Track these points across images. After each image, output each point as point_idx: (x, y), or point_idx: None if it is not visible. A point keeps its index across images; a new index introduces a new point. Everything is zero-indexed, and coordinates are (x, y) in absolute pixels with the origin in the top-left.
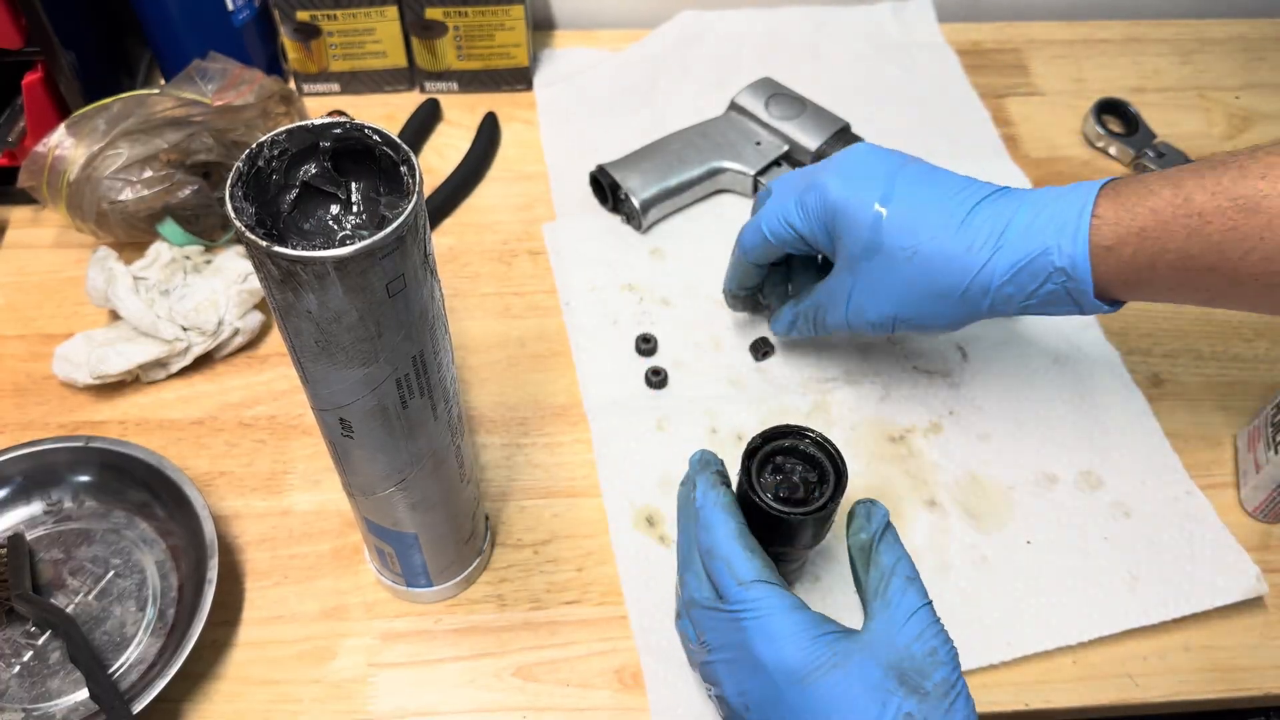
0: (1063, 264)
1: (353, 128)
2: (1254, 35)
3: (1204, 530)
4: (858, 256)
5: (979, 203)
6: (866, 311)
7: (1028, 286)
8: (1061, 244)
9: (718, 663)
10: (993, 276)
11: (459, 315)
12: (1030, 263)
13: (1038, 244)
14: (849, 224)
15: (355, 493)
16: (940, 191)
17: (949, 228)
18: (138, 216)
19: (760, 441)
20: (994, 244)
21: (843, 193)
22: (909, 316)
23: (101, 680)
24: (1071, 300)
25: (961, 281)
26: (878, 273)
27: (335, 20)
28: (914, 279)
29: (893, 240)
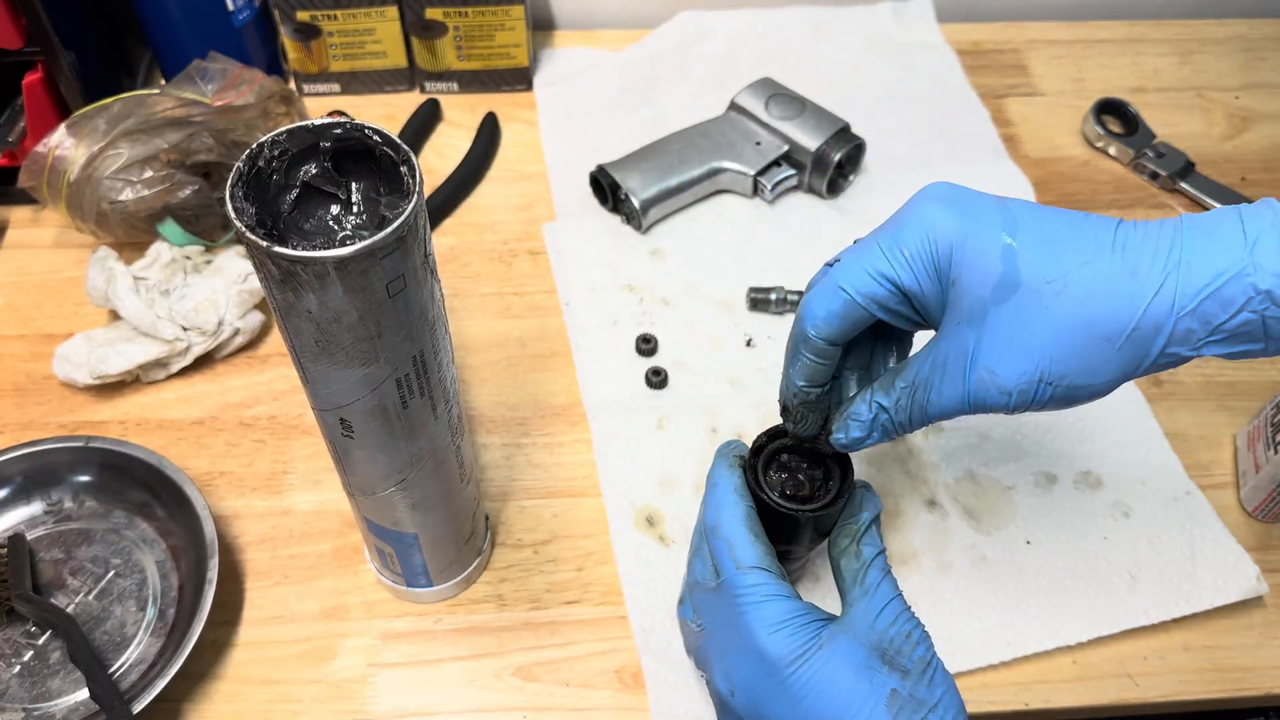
0: (1268, 285)
1: (353, 128)
2: (1254, 35)
3: (1204, 530)
4: (986, 301)
5: (1121, 224)
6: (1001, 375)
7: (1215, 318)
8: (1262, 261)
9: (710, 646)
10: (1170, 307)
11: (459, 315)
12: (1222, 287)
13: (1228, 263)
14: (972, 259)
15: (355, 493)
16: (1067, 217)
17: (1101, 251)
18: (138, 216)
19: (766, 439)
20: (1165, 266)
21: (956, 222)
22: (1061, 374)
23: (102, 680)
24: (1268, 335)
25: (1130, 316)
26: (1015, 318)
27: (335, 20)
28: (1066, 320)
29: (1034, 272)
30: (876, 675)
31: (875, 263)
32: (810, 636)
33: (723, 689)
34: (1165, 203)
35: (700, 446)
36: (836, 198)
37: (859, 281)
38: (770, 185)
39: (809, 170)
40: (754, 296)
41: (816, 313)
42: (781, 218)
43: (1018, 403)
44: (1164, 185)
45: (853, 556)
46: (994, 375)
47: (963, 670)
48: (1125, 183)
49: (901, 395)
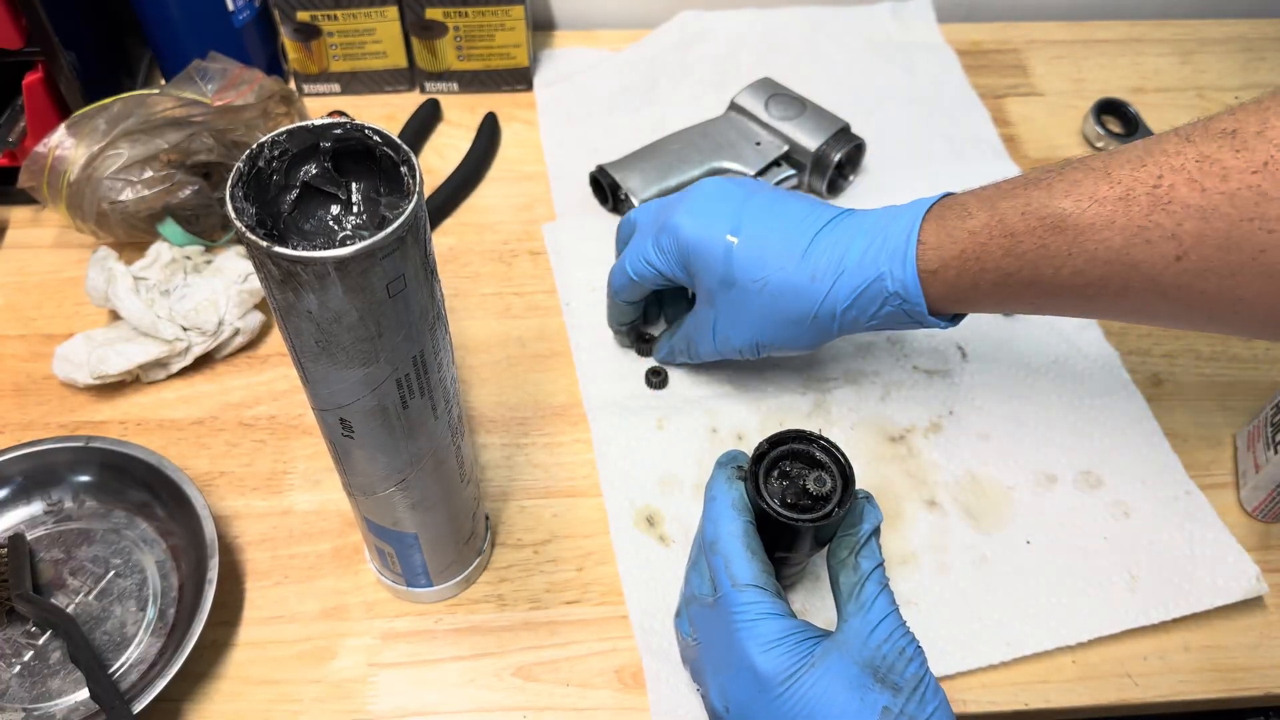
0: (895, 289)
1: (353, 128)
2: (1253, 35)
3: (1204, 530)
4: (715, 290)
5: (819, 231)
6: (732, 339)
7: (869, 309)
8: (893, 270)
9: (706, 662)
10: (836, 303)
11: (459, 315)
12: (868, 288)
13: (872, 271)
14: (704, 260)
15: (355, 493)
16: (785, 222)
17: (793, 258)
18: (138, 216)
19: (768, 446)
20: (834, 272)
21: (695, 231)
22: (769, 341)
23: (102, 680)
24: (910, 319)
25: (810, 309)
26: (735, 304)
27: (335, 20)
28: (767, 308)
29: (744, 273)
30: (869, 693)
31: (646, 254)
32: (803, 655)
33: (718, 705)
34: None
35: (700, 446)
36: (836, 198)
37: (637, 266)
38: None
39: (809, 170)
40: None
41: (613, 283)
42: None
43: (747, 355)
44: None
45: (850, 569)
46: (728, 339)
47: (963, 670)
48: None
49: (679, 341)
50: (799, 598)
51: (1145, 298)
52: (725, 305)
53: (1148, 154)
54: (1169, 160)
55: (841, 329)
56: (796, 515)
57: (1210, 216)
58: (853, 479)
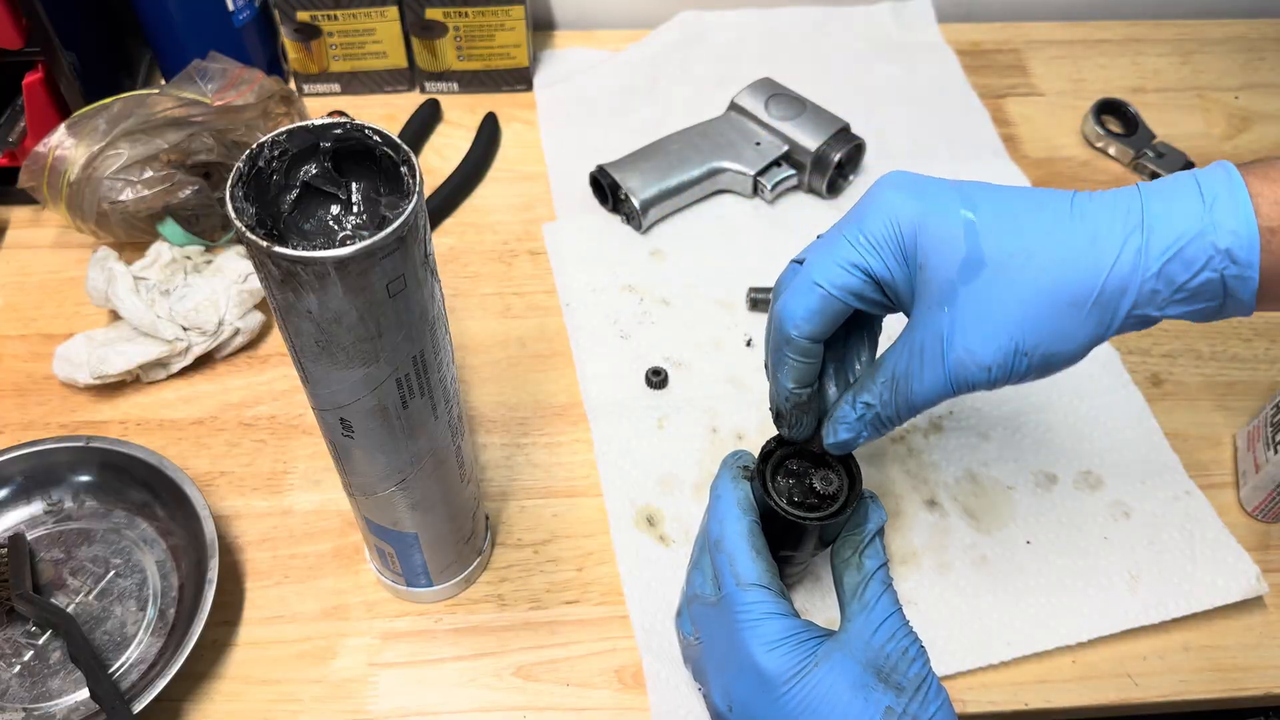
0: (1227, 244)
1: (353, 128)
2: (1253, 35)
3: (1204, 530)
4: (955, 281)
5: (1076, 195)
6: (978, 352)
7: (1178, 278)
8: (1221, 221)
9: (708, 661)
10: (1133, 269)
11: (459, 315)
12: (1184, 249)
13: (1188, 225)
14: (935, 240)
15: (356, 493)
16: (1024, 192)
17: (1060, 221)
18: (138, 216)
19: (776, 444)
20: (1124, 231)
21: (917, 205)
22: (1035, 343)
23: (102, 680)
24: (1226, 293)
25: (1094, 282)
26: (984, 295)
27: (335, 21)
28: (1033, 290)
29: (997, 247)
30: (872, 693)
31: (845, 254)
32: (807, 654)
33: (720, 705)
34: None
35: (700, 446)
36: (836, 198)
37: (832, 275)
38: (770, 185)
39: (809, 170)
40: (754, 296)
41: (796, 312)
42: (781, 218)
43: (998, 376)
44: None
45: (854, 569)
46: (971, 353)
47: (963, 670)
48: (1125, 183)
49: (883, 390)
50: (799, 597)
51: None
52: (968, 301)
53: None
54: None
55: (1131, 312)
56: (804, 513)
57: None
58: (860, 478)
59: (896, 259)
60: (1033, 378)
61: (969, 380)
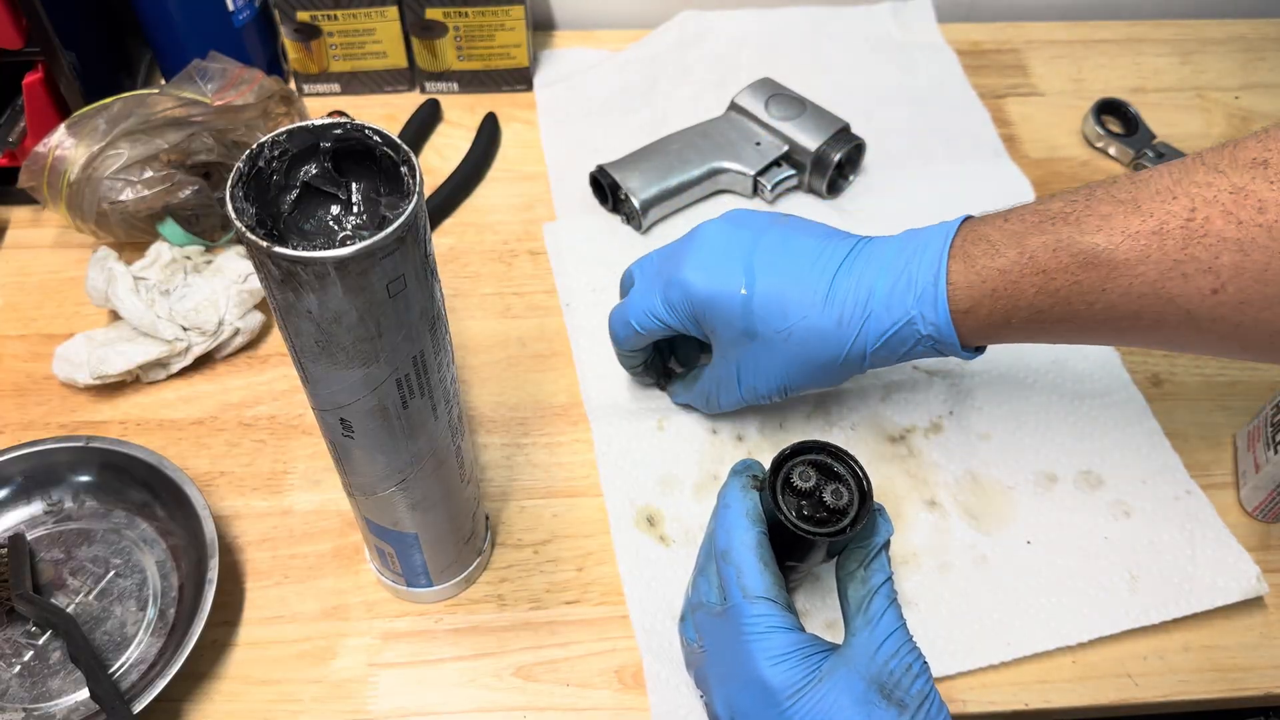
0: (928, 331)
1: (353, 128)
2: (1254, 35)
3: (1204, 530)
4: (735, 342)
5: (838, 270)
6: (758, 387)
7: (899, 350)
8: (924, 313)
9: (711, 671)
10: (866, 345)
11: (459, 315)
12: (898, 331)
13: (901, 313)
14: (719, 315)
15: (355, 493)
16: (798, 265)
17: (815, 304)
18: (138, 216)
19: (788, 455)
20: (861, 315)
21: (706, 286)
22: (798, 385)
23: (102, 680)
24: (939, 353)
25: (838, 353)
26: (758, 355)
27: (335, 21)
28: (794, 355)
29: (766, 325)
30: (875, 709)
31: (653, 308)
32: (811, 669)
33: (723, 715)
34: None
35: (700, 446)
36: (836, 198)
37: (642, 319)
38: (770, 185)
39: (809, 170)
40: None
41: (617, 334)
42: None
43: (778, 400)
44: None
45: (860, 582)
46: (755, 389)
47: (963, 670)
48: None
49: (697, 397)
50: (800, 598)
51: (1180, 330)
52: (748, 357)
53: (1177, 185)
54: (1200, 192)
55: (871, 366)
56: (814, 529)
57: (1249, 249)
58: (870, 493)
59: (692, 321)
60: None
61: (754, 401)
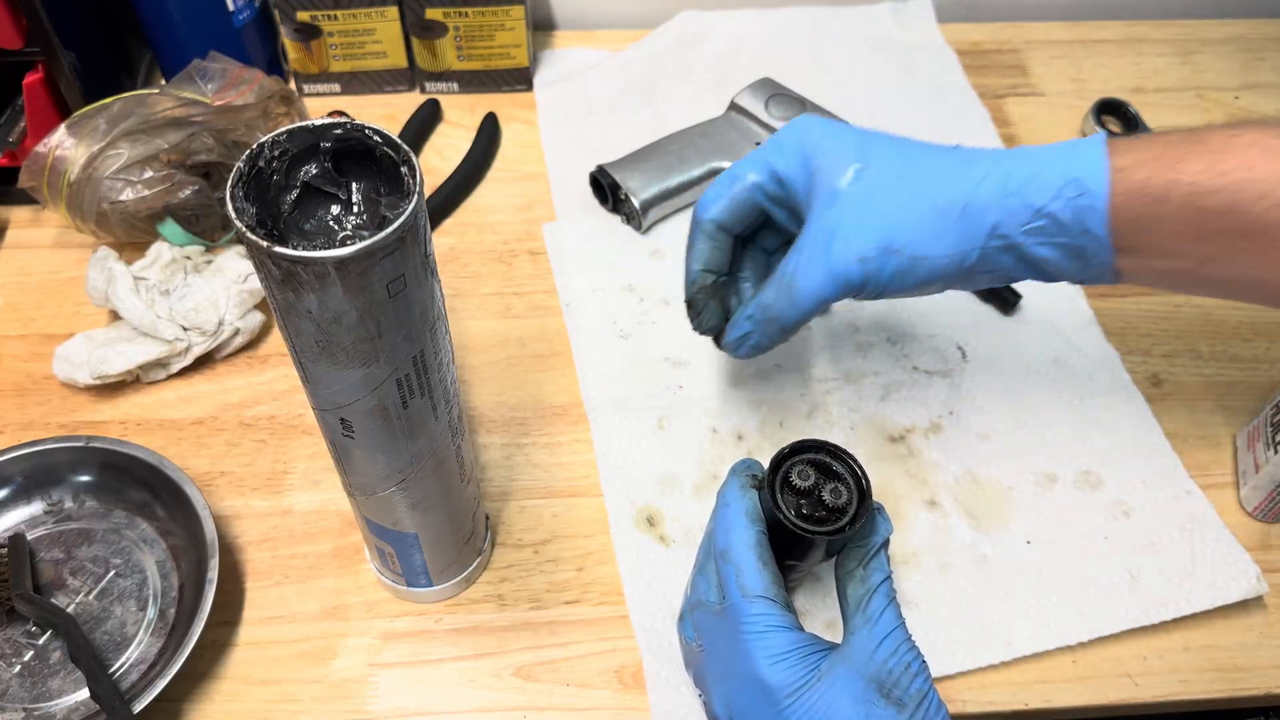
0: (1078, 173)
1: (353, 128)
2: (1253, 35)
3: (1204, 530)
4: (838, 188)
5: (959, 145)
6: (855, 243)
7: (1035, 201)
8: (1076, 153)
9: (710, 670)
10: (998, 189)
11: (459, 315)
12: (1040, 174)
13: (1049, 157)
14: (831, 149)
15: (356, 493)
16: (915, 142)
17: (940, 148)
18: (138, 216)
19: (787, 454)
20: (993, 161)
21: (822, 126)
22: (905, 241)
23: (102, 680)
24: (1080, 228)
25: (961, 192)
26: (866, 195)
27: (335, 21)
28: (908, 194)
29: (881, 157)
30: (874, 708)
31: (759, 154)
32: (810, 668)
33: (721, 714)
34: None
35: (700, 446)
36: None
37: (746, 168)
38: None
39: None
40: None
41: (709, 198)
42: None
43: (870, 270)
44: None
45: (859, 581)
46: (849, 245)
47: (963, 670)
48: None
49: (774, 289)
50: (799, 598)
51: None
52: (851, 199)
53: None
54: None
55: (994, 233)
56: (813, 528)
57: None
58: (869, 492)
59: (799, 163)
60: (907, 286)
61: (846, 274)
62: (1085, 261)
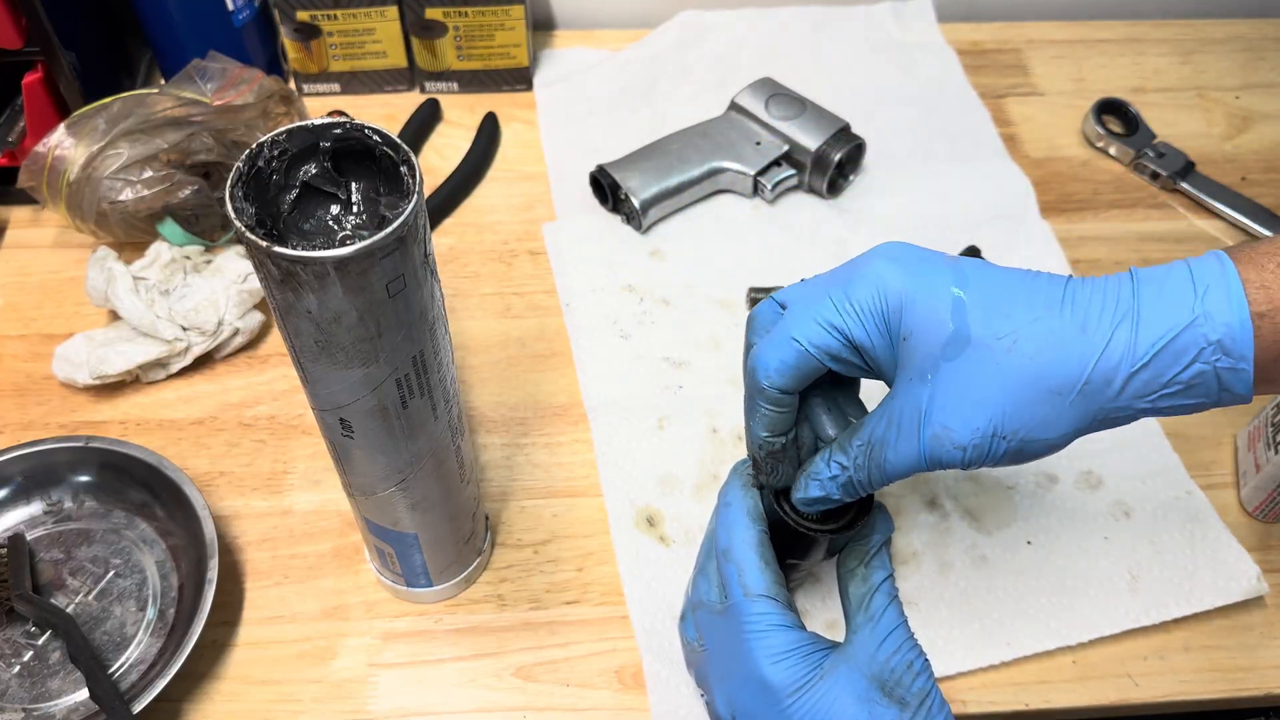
0: (1218, 336)
1: (353, 128)
2: (1254, 35)
3: (1204, 530)
4: (938, 357)
5: (1069, 281)
6: (955, 430)
7: (1167, 371)
8: (1212, 311)
9: (712, 669)
10: (1122, 360)
11: (459, 315)
12: (1174, 339)
13: (1180, 315)
14: (922, 315)
15: (355, 493)
16: (1017, 275)
17: (1051, 306)
18: (138, 216)
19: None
20: (1115, 318)
21: (906, 279)
22: (1014, 428)
23: (102, 680)
24: (1219, 386)
25: (1080, 371)
26: (967, 374)
27: (335, 20)
28: (1018, 375)
29: (984, 328)
30: (876, 707)
31: (826, 314)
32: (813, 667)
33: (724, 713)
34: (1165, 202)
35: (700, 446)
36: (837, 198)
37: (811, 333)
38: (770, 185)
39: (809, 170)
40: (754, 296)
41: (769, 363)
42: (781, 218)
43: (972, 458)
44: (1164, 185)
45: (860, 580)
46: (948, 431)
47: (963, 670)
48: (1125, 183)
49: (858, 454)
50: (800, 598)
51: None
52: (950, 378)
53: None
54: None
55: (1116, 404)
56: (816, 526)
57: None
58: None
59: (879, 328)
60: (1007, 462)
61: (942, 458)
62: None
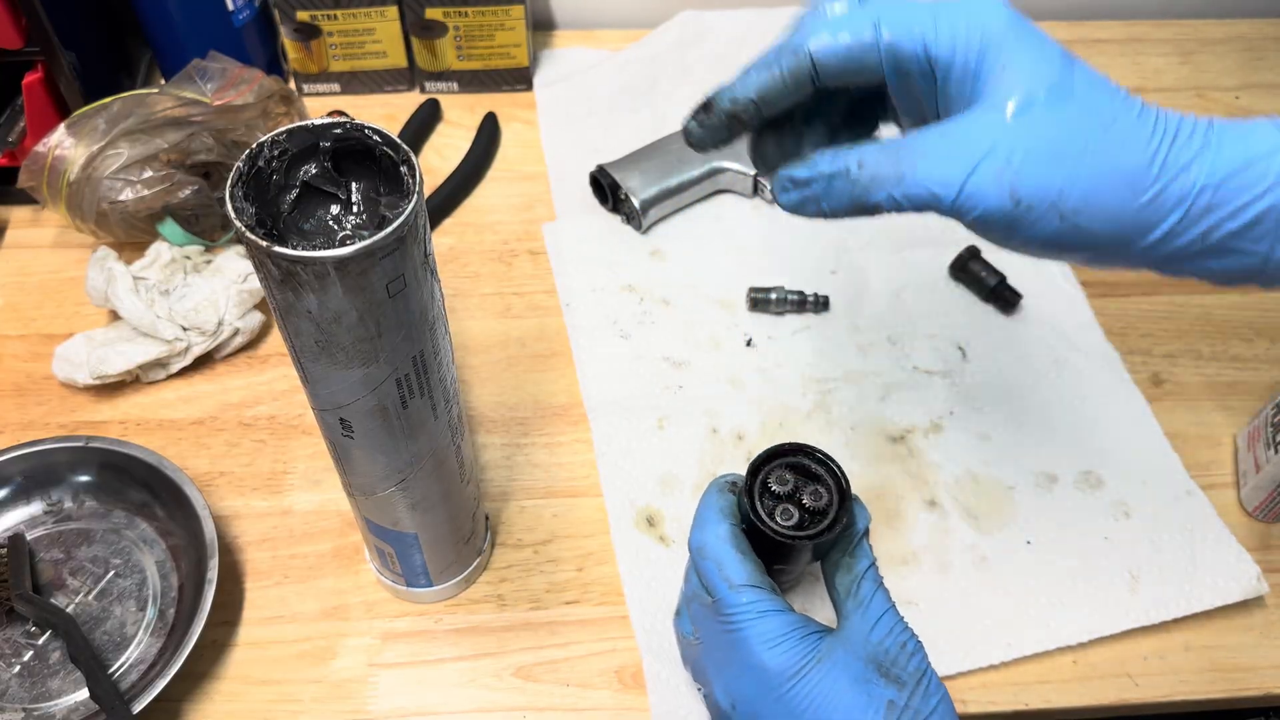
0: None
1: (353, 128)
2: (1254, 35)
3: (1204, 530)
4: (1039, 100)
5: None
6: (1022, 175)
7: (1235, 199)
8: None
9: (709, 660)
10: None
11: (459, 315)
12: (1250, 165)
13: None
14: (1029, 52)
15: (355, 493)
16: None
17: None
18: (138, 216)
19: (762, 461)
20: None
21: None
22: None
23: (102, 680)
24: (1277, 236)
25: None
26: (1061, 129)
27: (335, 20)
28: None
29: (1089, 96)
30: (874, 687)
31: (918, 14)
32: (809, 650)
33: (723, 704)
34: None
35: (700, 446)
36: None
37: (894, 22)
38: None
39: None
40: (754, 296)
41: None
42: (781, 218)
43: (1021, 213)
44: None
45: (845, 569)
46: (1012, 169)
47: (963, 670)
48: None
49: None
50: (796, 600)
51: None
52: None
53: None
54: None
55: (1176, 228)
56: (794, 533)
57: None
58: (849, 490)
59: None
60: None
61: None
62: (1262, 271)
